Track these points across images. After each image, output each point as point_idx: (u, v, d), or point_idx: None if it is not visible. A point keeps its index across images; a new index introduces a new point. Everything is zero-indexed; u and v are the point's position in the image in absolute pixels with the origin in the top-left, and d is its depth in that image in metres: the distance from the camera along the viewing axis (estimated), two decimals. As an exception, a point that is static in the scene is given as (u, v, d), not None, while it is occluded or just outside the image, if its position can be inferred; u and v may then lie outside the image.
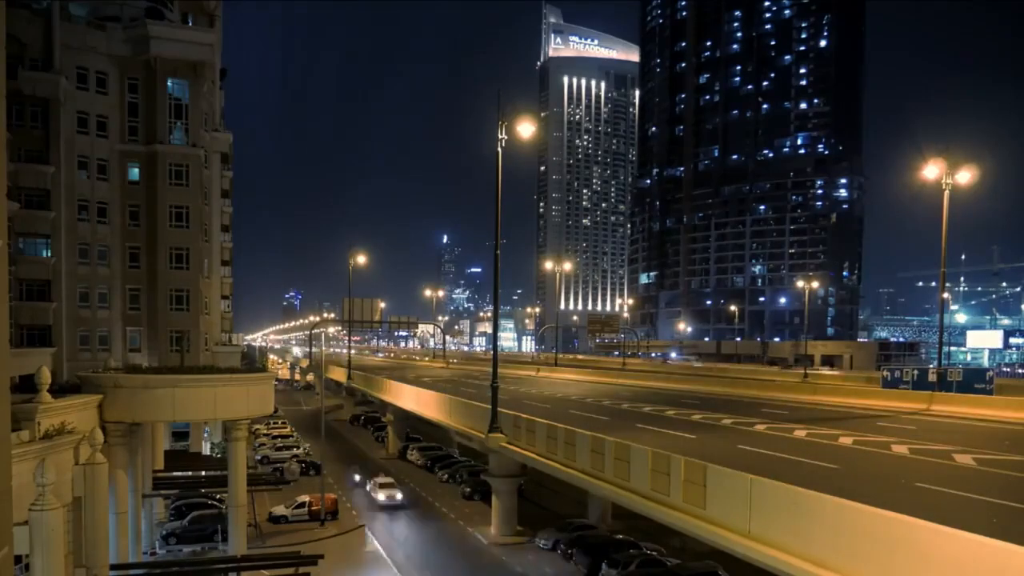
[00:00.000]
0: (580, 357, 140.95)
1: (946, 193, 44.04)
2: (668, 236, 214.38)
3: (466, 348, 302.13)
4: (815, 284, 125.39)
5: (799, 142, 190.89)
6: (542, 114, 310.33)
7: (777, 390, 56.68)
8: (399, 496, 49.78)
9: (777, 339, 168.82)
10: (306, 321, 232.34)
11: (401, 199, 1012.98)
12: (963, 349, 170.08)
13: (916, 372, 50.79)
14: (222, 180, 62.50)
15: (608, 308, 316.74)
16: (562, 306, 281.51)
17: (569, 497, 46.54)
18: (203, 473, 44.86)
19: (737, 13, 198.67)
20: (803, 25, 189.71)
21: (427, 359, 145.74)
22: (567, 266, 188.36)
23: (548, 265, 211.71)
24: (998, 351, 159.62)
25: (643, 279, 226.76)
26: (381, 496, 49.39)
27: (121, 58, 47.54)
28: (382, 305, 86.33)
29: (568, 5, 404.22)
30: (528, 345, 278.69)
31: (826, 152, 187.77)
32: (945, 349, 72.04)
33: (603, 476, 26.82)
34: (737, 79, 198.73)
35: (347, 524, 44.37)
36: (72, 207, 45.85)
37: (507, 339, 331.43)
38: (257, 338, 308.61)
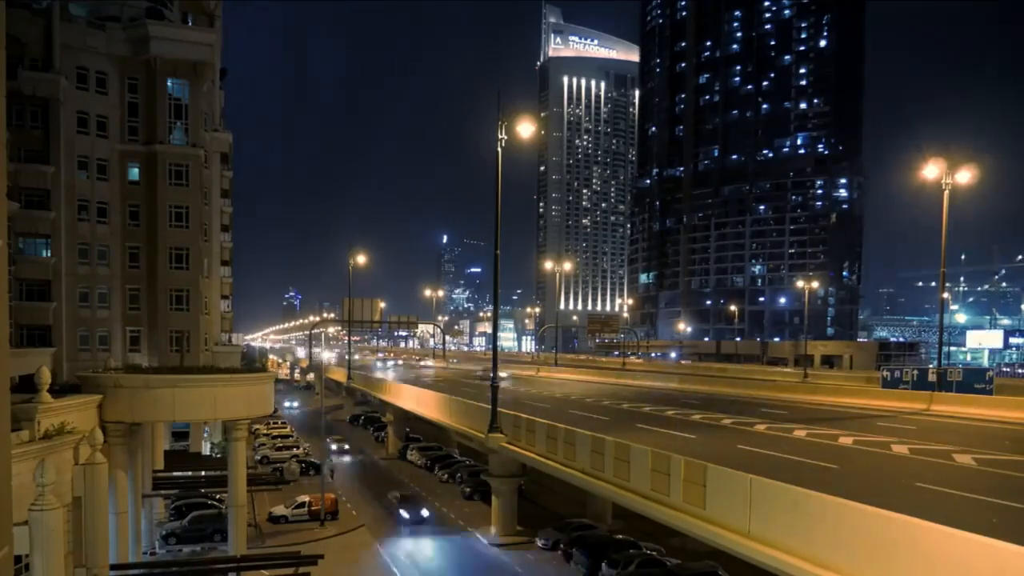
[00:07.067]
0: (580, 357, 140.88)
1: (946, 193, 44.04)
2: (668, 236, 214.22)
3: (466, 348, 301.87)
4: (815, 284, 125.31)
5: (799, 142, 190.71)
6: (542, 114, 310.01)
7: (777, 390, 56.69)
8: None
9: (777, 339, 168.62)
10: (306, 321, 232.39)
11: (401, 199, 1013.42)
12: (963, 349, 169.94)
13: (916, 372, 50.80)
14: (222, 180, 62.50)
15: (608, 308, 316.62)
16: (562, 306, 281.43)
17: (569, 497, 46.52)
18: (203, 473, 44.85)
19: (737, 13, 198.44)
20: (803, 25, 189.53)
21: (427, 359, 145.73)
22: (567, 266, 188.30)
23: (548, 265, 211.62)
24: (998, 351, 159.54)
25: (643, 279, 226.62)
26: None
27: (121, 58, 47.53)
28: (382, 305, 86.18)
29: (568, 5, 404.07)
30: (528, 345, 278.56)
31: (826, 152, 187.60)
32: (945, 349, 72.01)
33: (603, 476, 26.82)
34: (737, 79, 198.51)
35: (347, 524, 44.38)
36: (72, 207, 45.85)
37: (507, 339, 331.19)
38: (257, 338, 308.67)
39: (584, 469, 28.30)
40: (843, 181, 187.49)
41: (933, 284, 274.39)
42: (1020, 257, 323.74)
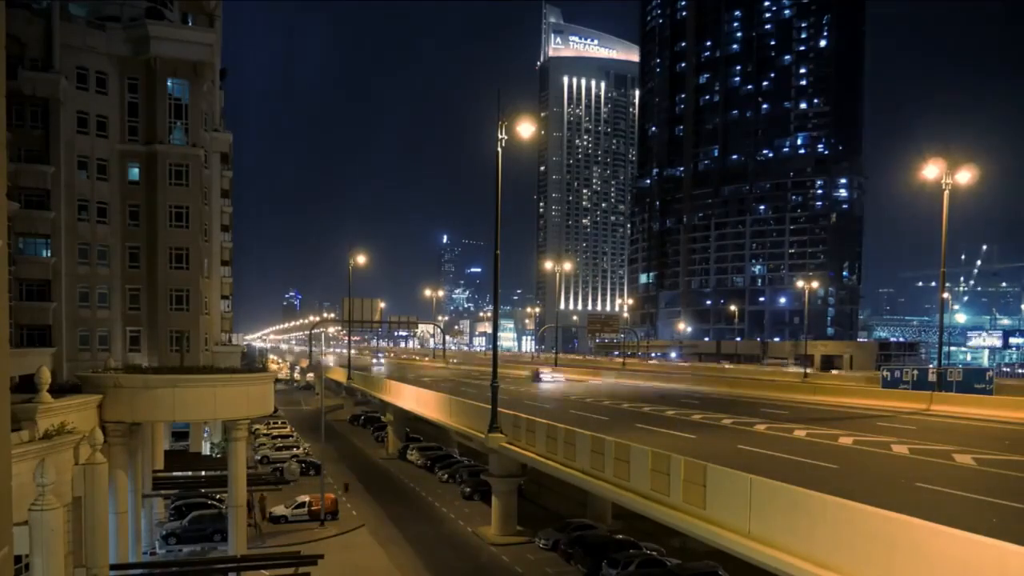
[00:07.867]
0: (580, 357, 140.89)
1: (946, 193, 44.05)
2: (668, 236, 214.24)
3: (466, 348, 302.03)
4: (815, 284, 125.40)
5: (799, 142, 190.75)
6: (542, 114, 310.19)
7: (777, 390, 56.71)
8: None
9: (777, 339, 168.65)
10: (306, 321, 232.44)
11: (401, 199, 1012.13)
12: (963, 349, 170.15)
13: (916, 372, 50.83)
14: (222, 180, 62.51)
15: (608, 308, 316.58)
16: (562, 306, 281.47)
17: (569, 497, 46.53)
18: (203, 473, 44.85)
19: (737, 13, 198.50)
20: (803, 25, 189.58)
21: (427, 359, 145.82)
22: (567, 266, 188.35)
23: (548, 265, 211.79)
24: (998, 351, 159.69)
25: (643, 279, 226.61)
26: None
27: (121, 58, 47.53)
28: (382, 305, 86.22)
29: (568, 5, 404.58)
30: (528, 345, 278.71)
31: (826, 152, 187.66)
32: (945, 349, 72.03)
33: (603, 476, 26.80)
34: (737, 79, 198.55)
35: (347, 524, 44.38)
36: (72, 207, 45.84)
37: (507, 339, 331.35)
38: (257, 338, 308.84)
39: (584, 469, 28.28)
40: (843, 181, 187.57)
41: (933, 284, 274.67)
42: (984, 247, 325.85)
